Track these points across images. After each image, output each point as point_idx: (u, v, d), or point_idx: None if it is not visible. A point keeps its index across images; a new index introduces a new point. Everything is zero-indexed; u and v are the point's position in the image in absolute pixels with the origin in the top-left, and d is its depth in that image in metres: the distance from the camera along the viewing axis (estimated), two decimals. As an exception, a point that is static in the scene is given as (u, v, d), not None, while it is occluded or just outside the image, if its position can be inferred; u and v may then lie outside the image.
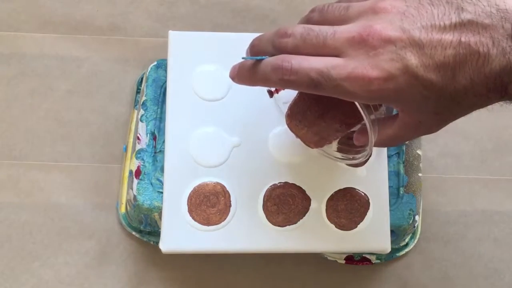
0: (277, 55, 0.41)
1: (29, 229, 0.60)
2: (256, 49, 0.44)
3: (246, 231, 0.54)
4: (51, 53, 0.65)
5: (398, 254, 0.61)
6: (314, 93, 0.40)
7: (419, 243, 0.61)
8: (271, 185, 0.55)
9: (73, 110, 0.63)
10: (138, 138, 0.58)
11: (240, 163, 0.55)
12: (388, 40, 0.38)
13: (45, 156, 0.62)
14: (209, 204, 0.54)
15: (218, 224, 0.54)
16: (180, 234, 0.53)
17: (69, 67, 0.64)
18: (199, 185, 0.54)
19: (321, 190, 0.55)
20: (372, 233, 0.55)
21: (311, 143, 0.51)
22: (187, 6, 0.67)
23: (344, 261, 0.60)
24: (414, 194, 0.57)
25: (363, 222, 0.55)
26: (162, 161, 0.55)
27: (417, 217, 0.58)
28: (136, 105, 0.63)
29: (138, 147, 0.58)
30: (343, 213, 0.55)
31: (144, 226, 0.58)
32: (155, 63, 0.60)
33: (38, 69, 0.64)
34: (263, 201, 0.54)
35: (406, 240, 0.61)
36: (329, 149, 0.53)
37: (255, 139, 0.56)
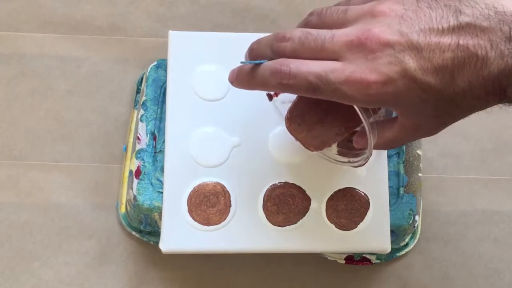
0: (275, 59, 0.41)
1: (29, 229, 0.60)
2: (254, 53, 0.44)
3: (246, 231, 0.54)
4: (51, 53, 0.64)
5: (398, 254, 0.61)
6: (313, 97, 0.40)
7: (419, 243, 0.61)
8: (271, 185, 0.55)
9: (73, 110, 0.63)
10: (138, 138, 0.58)
11: (240, 163, 0.55)
12: (387, 44, 0.38)
13: (45, 156, 0.62)
14: (209, 204, 0.54)
15: (218, 224, 0.54)
16: (180, 234, 0.53)
17: (69, 67, 0.64)
18: (199, 185, 0.54)
19: (321, 190, 0.55)
20: (372, 233, 0.55)
21: (311, 146, 0.51)
22: (187, 6, 0.67)
23: (344, 261, 0.60)
24: (414, 194, 0.57)
25: (363, 222, 0.55)
26: (162, 161, 0.55)
27: (417, 217, 0.58)
28: (136, 105, 0.63)
29: (138, 147, 0.58)
30: (343, 213, 0.55)
31: (144, 226, 0.58)
32: (155, 63, 0.60)
33: (38, 69, 0.64)
34: (263, 201, 0.54)
35: (406, 240, 0.61)
36: (329, 152, 0.53)
37: (255, 139, 0.56)
